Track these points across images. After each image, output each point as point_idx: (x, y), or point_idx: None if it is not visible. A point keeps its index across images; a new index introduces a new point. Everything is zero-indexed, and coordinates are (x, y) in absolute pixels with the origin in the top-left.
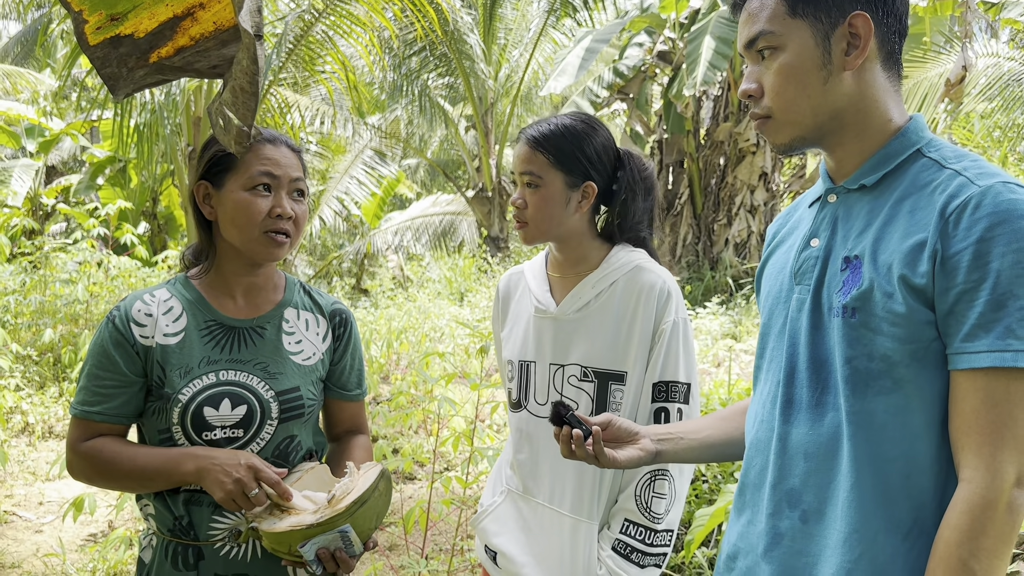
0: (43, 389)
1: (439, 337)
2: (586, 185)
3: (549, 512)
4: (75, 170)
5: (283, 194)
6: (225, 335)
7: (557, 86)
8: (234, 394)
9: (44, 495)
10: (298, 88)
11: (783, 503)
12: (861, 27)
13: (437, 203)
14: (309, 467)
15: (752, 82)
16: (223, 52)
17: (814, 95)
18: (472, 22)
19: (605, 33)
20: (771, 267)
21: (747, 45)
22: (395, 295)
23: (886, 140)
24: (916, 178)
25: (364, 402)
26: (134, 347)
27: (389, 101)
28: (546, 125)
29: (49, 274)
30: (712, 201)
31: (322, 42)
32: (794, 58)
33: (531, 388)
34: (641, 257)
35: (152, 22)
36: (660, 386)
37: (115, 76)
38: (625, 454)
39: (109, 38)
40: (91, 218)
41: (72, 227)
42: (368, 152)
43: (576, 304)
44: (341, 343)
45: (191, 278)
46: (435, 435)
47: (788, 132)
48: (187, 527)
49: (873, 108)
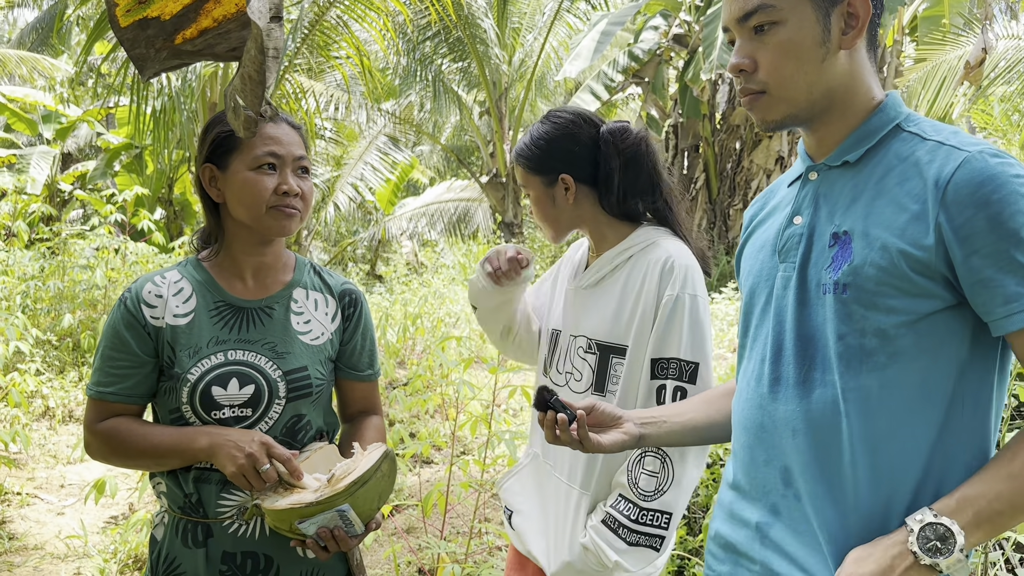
0: (63, 373)
1: (454, 322)
2: (562, 178)
3: (560, 482)
4: (91, 157)
5: (288, 171)
6: (234, 315)
7: (572, 70)
8: (242, 374)
9: (65, 478)
10: (313, 74)
11: (777, 481)
12: (860, 7)
13: (451, 189)
14: (318, 447)
15: (744, 56)
16: (243, 34)
17: (811, 72)
18: (486, 6)
19: (620, 16)
20: (751, 247)
21: (741, 19)
22: (409, 281)
23: (866, 116)
24: (899, 151)
25: (377, 383)
26: (145, 328)
27: (403, 87)
28: (521, 140)
29: (67, 260)
30: (728, 186)
31: (336, 27)
32: (795, 34)
33: (556, 357)
34: (661, 234)
35: (177, 5)
36: (661, 362)
37: (143, 57)
38: (609, 438)
39: (138, 20)
40: (108, 204)
41: (89, 213)
42: (382, 138)
43: (594, 277)
44: (351, 323)
45: (202, 260)
46: (452, 419)
47: (782, 109)
48: (196, 504)
49: (860, 86)
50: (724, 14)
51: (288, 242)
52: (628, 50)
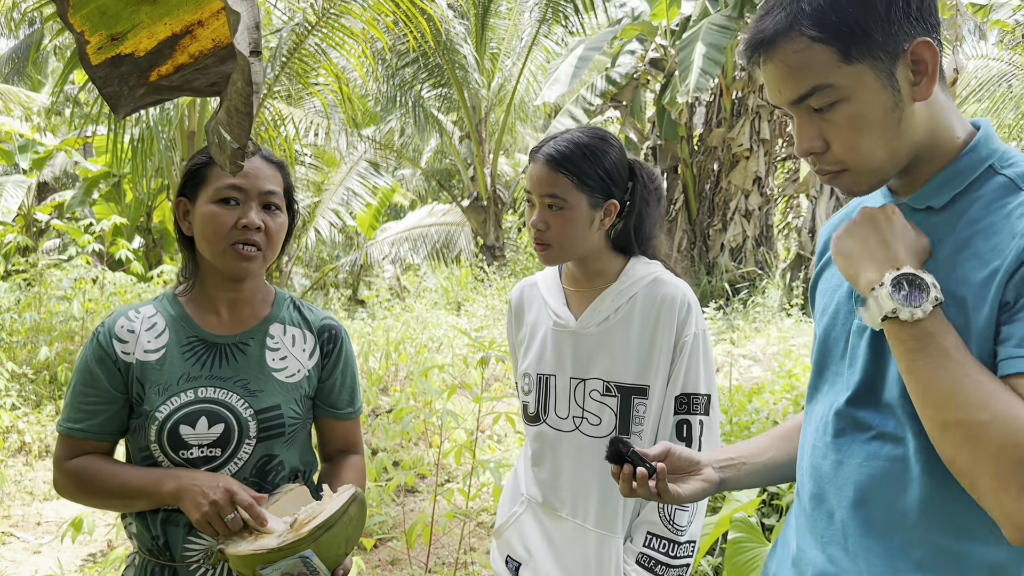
0: (39, 407)
1: (437, 347)
2: (608, 203)
3: (572, 525)
4: (68, 186)
5: (252, 205)
6: (207, 351)
7: (551, 95)
8: (211, 412)
9: (42, 515)
10: (292, 101)
11: (839, 533)
12: (926, 52)
13: (433, 213)
14: (289, 488)
15: (814, 138)
16: (221, 69)
17: (891, 140)
18: (465, 32)
19: (597, 41)
20: (825, 282)
21: (796, 102)
22: (391, 306)
23: (953, 157)
24: (990, 200)
25: (358, 420)
26: (116, 363)
27: (383, 113)
28: (564, 144)
29: (44, 291)
30: (707, 206)
31: (315, 54)
32: (863, 107)
33: (551, 401)
34: (658, 269)
35: (151, 41)
36: (682, 398)
37: (117, 95)
38: (689, 488)
39: (110, 58)
40: (85, 234)
41: (66, 243)
42: (363, 164)
43: (596, 318)
44: (330, 360)
45: (178, 295)
46: (436, 447)
47: (868, 180)
48: (163, 547)
49: (942, 129)
50: (771, 91)
51: (270, 269)
52: (606, 74)
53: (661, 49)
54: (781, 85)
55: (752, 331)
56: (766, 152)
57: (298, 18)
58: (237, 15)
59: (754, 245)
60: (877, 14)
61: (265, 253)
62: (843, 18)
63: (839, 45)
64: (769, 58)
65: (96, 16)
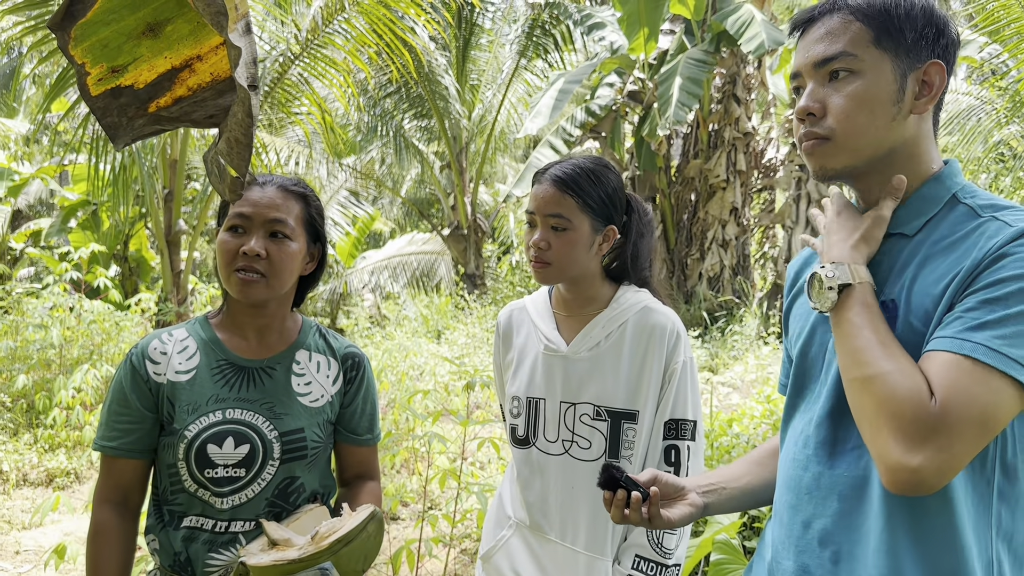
0: (16, 436)
1: (419, 375)
2: (608, 228)
3: (562, 549)
4: (43, 214)
5: (257, 234)
6: (236, 374)
7: (533, 127)
8: (238, 432)
9: (21, 544)
10: (273, 130)
11: (814, 542)
12: (936, 76)
13: (413, 242)
14: (309, 509)
15: (815, 101)
16: (219, 102)
17: (880, 128)
18: (446, 63)
19: (577, 75)
20: (798, 308)
21: (820, 63)
22: (372, 334)
23: (923, 181)
24: (953, 224)
25: (376, 448)
26: (147, 383)
27: (364, 142)
28: (570, 167)
29: (20, 319)
30: (685, 236)
31: (298, 84)
32: (872, 86)
33: (540, 425)
34: (647, 298)
35: (151, 74)
36: (671, 424)
37: (115, 125)
38: (677, 512)
39: (110, 89)
40: (63, 262)
41: (40, 271)
42: (343, 192)
43: (587, 344)
44: (352, 386)
45: (210, 319)
46: (421, 473)
47: (843, 159)
48: (185, 563)
49: (921, 153)
50: (798, 59)
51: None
52: (585, 106)
53: (639, 82)
54: (815, 45)
55: (731, 359)
56: (742, 183)
57: (280, 48)
58: (238, 50)
59: (731, 274)
60: (915, 24)
61: (270, 280)
62: (888, 13)
63: (875, 30)
64: (814, 25)
65: (98, 49)
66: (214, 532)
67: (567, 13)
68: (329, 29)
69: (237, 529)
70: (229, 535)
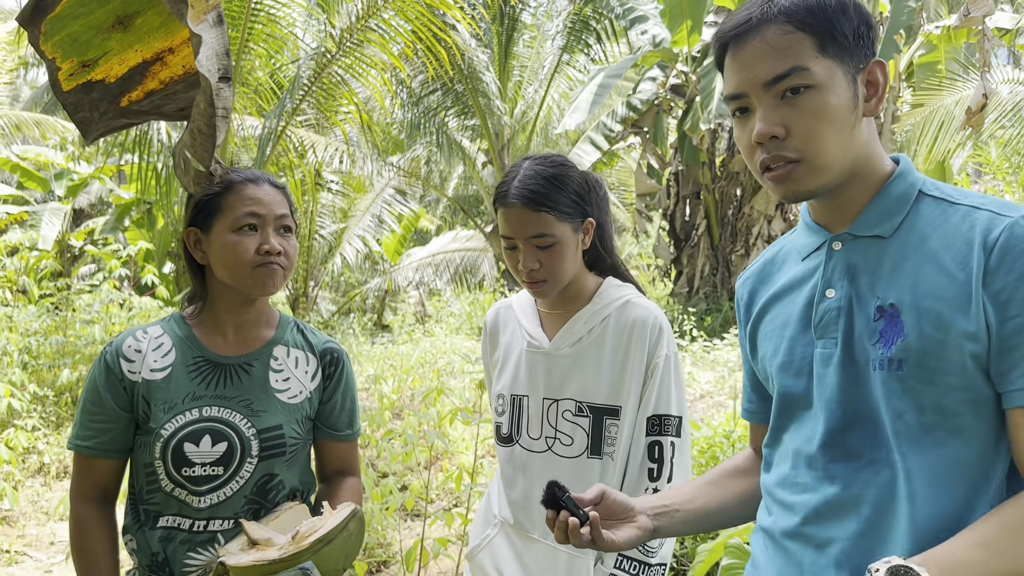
0: (59, 429)
1: (452, 372)
2: (586, 223)
3: (544, 547)
4: (103, 212)
5: (270, 231)
6: (212, 371)
7: (571, 123)
8: (215, 430)
9: (56, 535)
10: (320, 129)
11: (830, 568)
12: (880, 74)
13: (457, 239)
14: (288, 506)
15: (776, 123)
16: (190, 95)
17: (845, 139)
18: (487, 60)
19: (617, 69)
20: (768, 326)
21: (770, 82)
22: (413, 331)
23: (881, 183)
24: (930, 217)
25: (356, 443)
26: (121, 382)
27: (408, 140)
28: (532, 182)
29: (71, 315)
30: (729, 232)
31: (337, 84)
32: (831, 98)
33: (524, 422)
34: (631, 292)
35: (123, 67)
36: (654, 420)
37: (87, 120)
38: (623, 535)
39: (81, 84)
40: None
41: (100, 268)
42: (389, 190)
43: (570, 340)
44: (331, 382)
45: (185, 316)
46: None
47: (815, 180)
48: (163, 563)
49: (876, 153)
50: (738, 77)
51: (296, 293)
52: (627, 100)
53: (682, 76)
54: (759, 64)
55: None
56: None
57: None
58: (199, 37)
59: None
60: (851, 25)
61: (286, 273)
62: (825, 17)
63: (818, 38)
64: (749, 40)
65: (68, 43)
66: (191, 532)
67: (609, 7)
68: (365, 27)
69: (216, 528)
70: (207, 534)
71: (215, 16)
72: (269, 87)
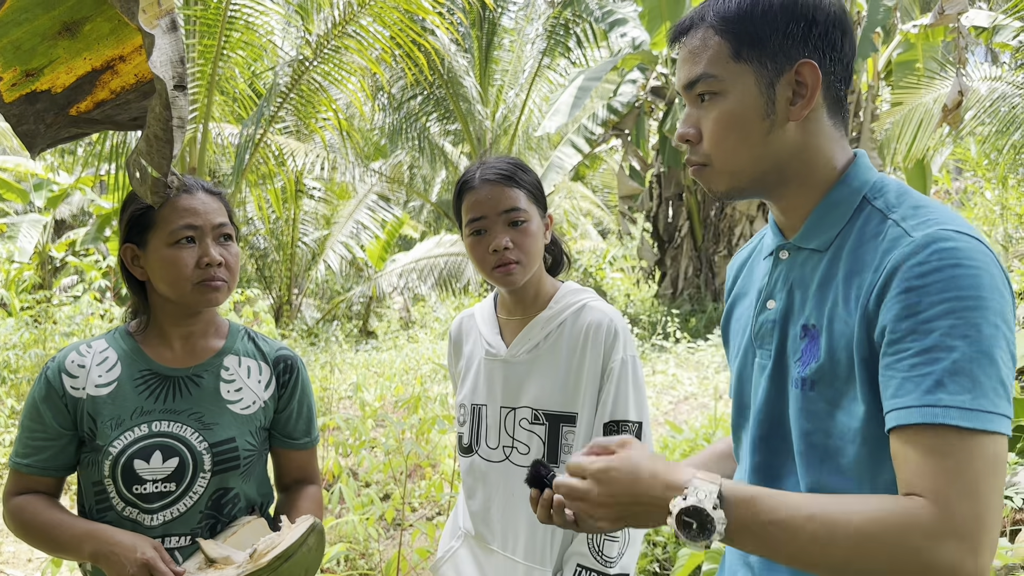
0: None
1: (436, 378)
2: (548, 216)
3: (502, 558)
4: (84, 223)
5: (208, 242)
6: (160, 384)
7: (551, 126)
8: (165, 446)
9: (33, 552)
10: (300, 136)
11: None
12: (808, 76)
13: (441, 244)
14: (247, 520)
15: (690, 126)
16: (144, 104)
17: (755, 146)
18: (468, 64)
19: (597, 72)
20: (735, 323)
21: (687, 86)
22: (397, 337)
23: (830, 186)
24: (863, 232)
25: (315, 451)
26: (63, 399)
27: (390, 146)
28: (502, 164)
29: (50, 327)
30: (712, 233)
31: (315, 91)
32: (735, 106)
33: (483, 432)
34: (588, 296)
35: (70, 76)
36: (611, 425)
37: (32, 133)
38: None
39: (25, 94)
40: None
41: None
42: (372, 196)
43: (526, 346)
44: (286, 391)
45: (130, 331)
46: (428, 478)
47: (725, 181)
48: None
49: (817, 158)
50: (677, 79)
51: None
52: (607, 103)
53: (662, 78)
54: (681, 67)
55: None
56: None
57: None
58: (151, 38)
59: None
60: (776, 26)
61: (230, 284)
62: (745, 21)
63: (734, 42)
64: (679, 43)
65: (10, 51)
66: None
67: (588, 10)
68: (343, 33)
69: (172, 545)
70: None
71: (168, 22)
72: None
